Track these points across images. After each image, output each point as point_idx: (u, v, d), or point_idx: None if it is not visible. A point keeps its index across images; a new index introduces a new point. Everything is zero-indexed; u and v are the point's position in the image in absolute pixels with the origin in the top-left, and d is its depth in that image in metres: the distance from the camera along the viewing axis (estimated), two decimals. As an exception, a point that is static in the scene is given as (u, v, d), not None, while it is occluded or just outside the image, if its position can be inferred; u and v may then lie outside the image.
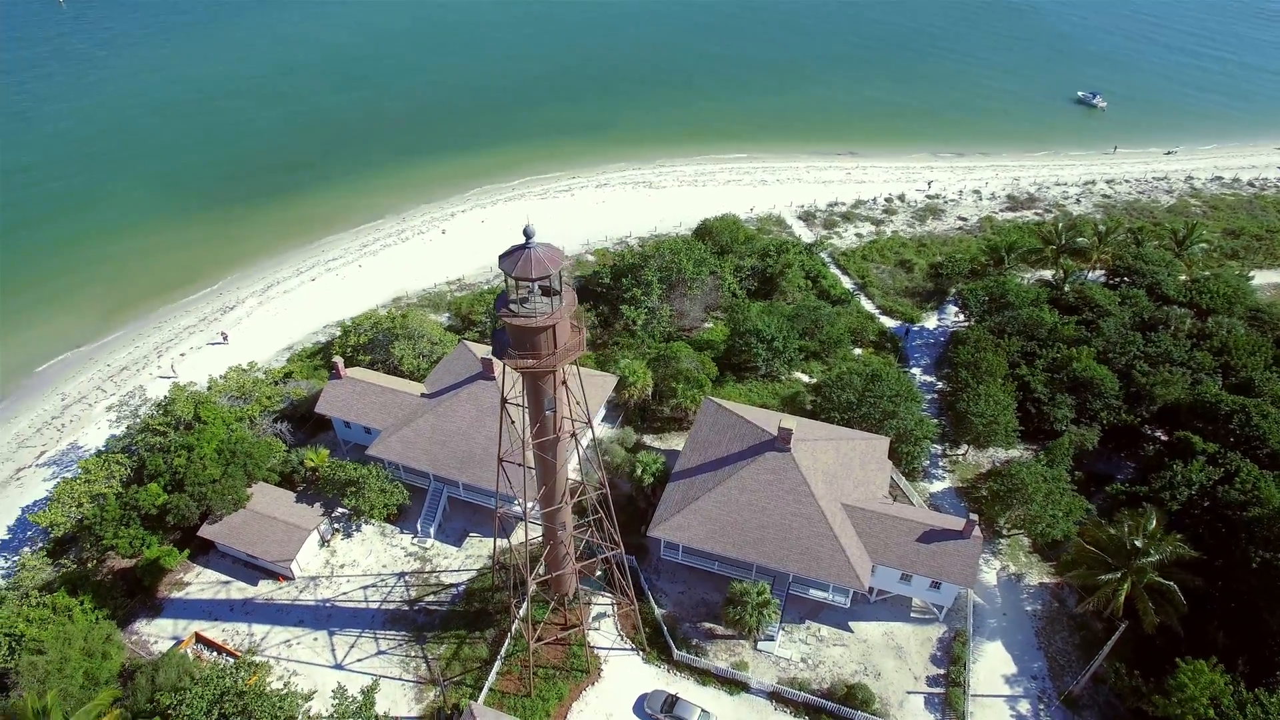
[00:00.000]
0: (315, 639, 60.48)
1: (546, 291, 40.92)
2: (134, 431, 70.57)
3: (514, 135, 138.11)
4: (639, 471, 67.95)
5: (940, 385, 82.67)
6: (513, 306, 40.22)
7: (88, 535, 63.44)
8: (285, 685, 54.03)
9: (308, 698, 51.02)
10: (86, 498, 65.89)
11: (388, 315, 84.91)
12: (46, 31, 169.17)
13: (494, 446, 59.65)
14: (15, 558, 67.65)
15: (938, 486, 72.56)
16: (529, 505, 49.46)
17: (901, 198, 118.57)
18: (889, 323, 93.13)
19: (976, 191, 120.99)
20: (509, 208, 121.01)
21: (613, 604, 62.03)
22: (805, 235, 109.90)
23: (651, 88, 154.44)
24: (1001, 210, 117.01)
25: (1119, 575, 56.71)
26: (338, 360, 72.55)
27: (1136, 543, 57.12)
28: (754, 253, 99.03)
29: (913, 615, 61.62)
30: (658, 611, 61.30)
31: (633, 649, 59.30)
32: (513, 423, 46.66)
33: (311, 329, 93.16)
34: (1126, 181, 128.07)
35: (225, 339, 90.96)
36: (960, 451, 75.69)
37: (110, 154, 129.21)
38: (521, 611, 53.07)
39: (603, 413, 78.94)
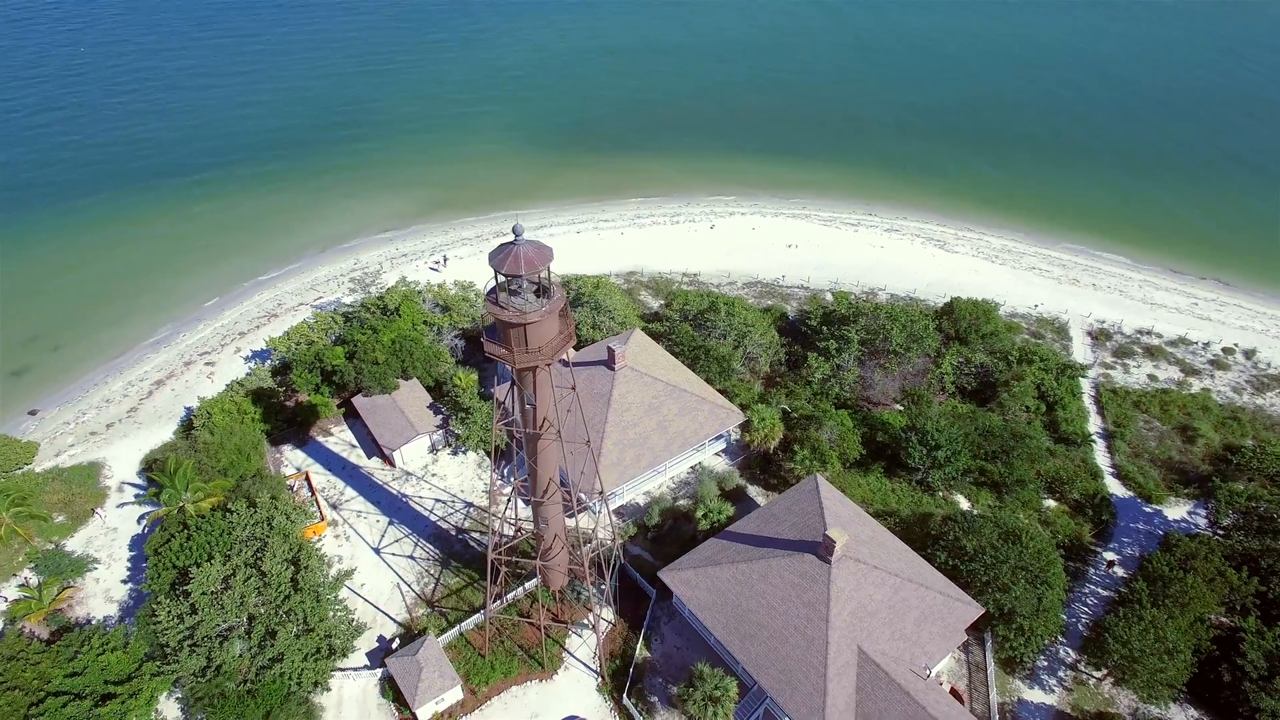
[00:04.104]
0: (377, 521, 69.60)
1: (539, 290, 41.57)
2: (356, 304, 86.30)
3: (845, 157, 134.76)
4: (700, 514, 65.16)
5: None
6: (501, 298, 41.58)
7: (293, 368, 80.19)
8: (321, 541, 63.85)
9: (320, 559, 59.53)
10: (305, 340, 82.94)
11: (588, 280, 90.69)
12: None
13: (580, 429, 61.66)
14: (256, 364, 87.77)
15: (1039, 697, 57.60)
16: (500, 486, 50.97)
17: (1250, 353, 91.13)
18: (1117, 489, 74.05)
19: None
20: (789, 223, 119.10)
21: (610, 621, 61.24)
22: (1082, 355, 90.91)
23: (1011, 143, 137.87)
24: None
25: None
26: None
27: None
28: (990, 351, 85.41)
29: (896, 813, 50.89)
30: (639, 651, 59.08)
31: (595, 672, 58.27)
32: (500, 404, 48.23)
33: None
34: None
35: (445, 262, 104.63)
36: (1099, 673, 58.86)
37: (486, 92, 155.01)
38: (496, 582, 55.33)
39: (721, 445, 76.28)
